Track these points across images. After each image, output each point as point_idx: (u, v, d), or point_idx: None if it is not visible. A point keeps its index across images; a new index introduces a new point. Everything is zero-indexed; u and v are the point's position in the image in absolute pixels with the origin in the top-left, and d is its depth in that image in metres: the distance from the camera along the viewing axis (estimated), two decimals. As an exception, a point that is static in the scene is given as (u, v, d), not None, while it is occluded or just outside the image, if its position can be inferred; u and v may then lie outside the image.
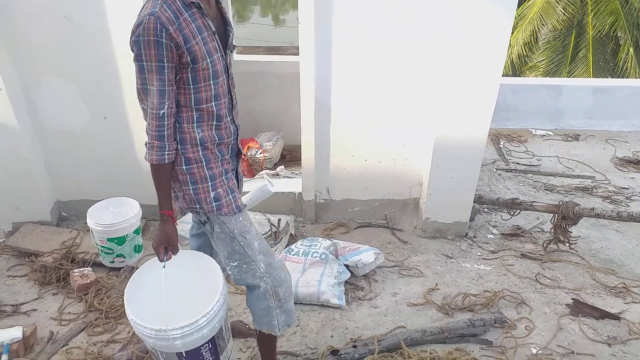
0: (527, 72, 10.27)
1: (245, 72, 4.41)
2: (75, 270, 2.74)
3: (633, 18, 9.24)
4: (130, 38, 1.56)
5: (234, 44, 1.86)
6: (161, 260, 1.78)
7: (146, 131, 1.68)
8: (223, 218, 1.83)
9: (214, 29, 1.67)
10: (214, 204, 1.81)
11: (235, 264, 1.88)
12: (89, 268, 2.79)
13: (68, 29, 2.82)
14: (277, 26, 19.89)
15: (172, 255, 1.81)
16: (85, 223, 2.85)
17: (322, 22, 2.81)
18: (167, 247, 1.78)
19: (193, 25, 1.60)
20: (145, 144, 1.68)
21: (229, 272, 1.93)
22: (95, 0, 2.74)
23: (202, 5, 1.62)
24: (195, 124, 1.73)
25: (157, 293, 1.72)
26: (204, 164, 1.78)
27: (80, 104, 3.05)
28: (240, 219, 1.86)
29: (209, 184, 1.80)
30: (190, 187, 1.79)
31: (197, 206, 1.82)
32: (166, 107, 1.62)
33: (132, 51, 1.58)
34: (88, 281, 2.68)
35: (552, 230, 3.14)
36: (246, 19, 20.57)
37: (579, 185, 4.03)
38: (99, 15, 2.77)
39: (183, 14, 1.58)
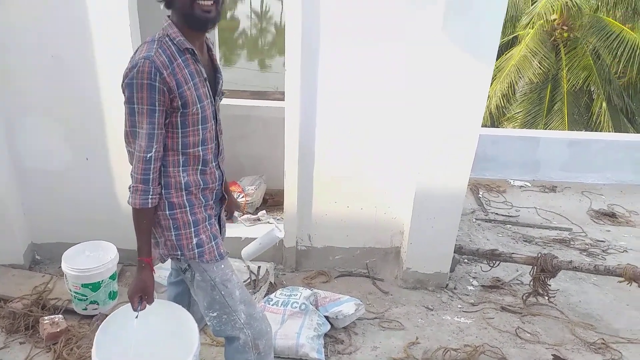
0: (505, 123, 10.58)
1: (231, 115, 4.42)
2: (46, 318, 2.64)
3: (605, 74, 9.67)
4: (123, 81, 1.57)
5: (223, 90, 1.88)
6: (134, 310, 1.72)
7: (131, 174, 1.67)
8: (205, 265, 1.80)
9: (205, 76, 1.71)
10: (196, 250, 1.78)
11: (215, 314, 1.84)
12: (60, 315, 2.69)
13: (56, 68, 2.83)
14: (263, 71, 20.27)
15: (147, 305, 1.75)
16: (60, 267, 2.77)
17: (308, 71, 2.88)
18: (142, 296, 1.72)
19: (186, 71, 1.62)
20: (129, 188, 1.67)
21: (208, 323, 1.89)
22: (84, 41, 2.75)
23: (195, 52, 1.65)
24: (181, 168, 1.73)
25: (127, 344, 1.67)
26: (188, 209, 1.77)
27: (62, 143, 3.02)
28: (222, 266, 1.84)
29: (192, 229, 1.78)
30: (173, 233, 1.77)
31: (179, 253, 1.79)
32: (154, 150, 1.62)
33: (124, 94, 1.59)
34: (58, 329, 2.58)
35: (531, 283, 3.15)
36: (233, 62, 20.94)
37: (556, 237, 4.09)
38: (88, 56, 2.79)
39: (177, 59, 1.61)
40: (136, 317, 1.72)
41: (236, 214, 2.21)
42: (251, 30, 29.10)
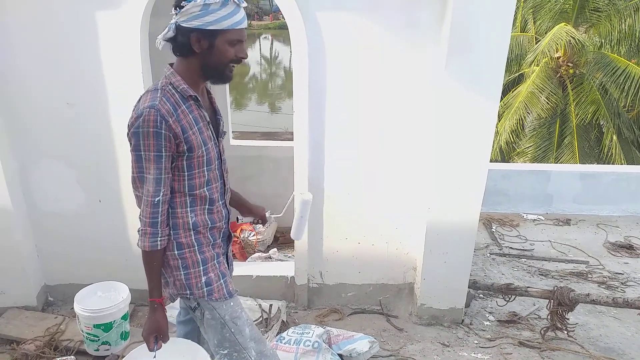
0: (516, 158, 10.56)
1: (242, 156, 4.53)
2: (58, 359, 2.63)
3: (613, 107, 9.69)
4: (129, 130, 1.62)
5: (224, 130, 1.93)
6: (151, 350, 1.73)
7: (139, 218, 1.70)
8: (214, 304, 1.81)
9: (208, 119, 1.76)
10: (205, 289, 1.79)
11: (226, 352, 1.83)
12: (72, 357, 2.68)
13: (69, 115, 2.92)
14: (273, 113, 20.65)
15: (163, 344, 1.76)
16: (72, 308, 2.77)
17: (315, 111, 2.94)
18: (157, 335, 1.74)
19: (190, 117, 1.68)
20: (138, 231, 1.70)
21: None
22: (98, 88, 2.85)
23: (199, 98, 1.71)
24: (189, 209, 1.76)
25: None
26: (196, 248, 1.79)
27: (76, 186, 3.08)
28: (232, 304, 1.84)
29: (201, 268, 1.80)
30: (182, 272, 1.79)
31: (188, 292, 1.80)
32: (161, 194, 1.66)
33: (130, 142, 1.63)
34: (70, 371, 2.56)
35: (549, 317, 3.08)
36: (244, 106, 21.38)
37: (573, 271, 4.01)
38: (101, 102, 2.88)
39: (181, 105, 1.66)
40: (154, 357, 1.74)
41: (267, 213, 2.24)
42: (261, 74, 29.82)
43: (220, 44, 1.63)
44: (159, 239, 1.69)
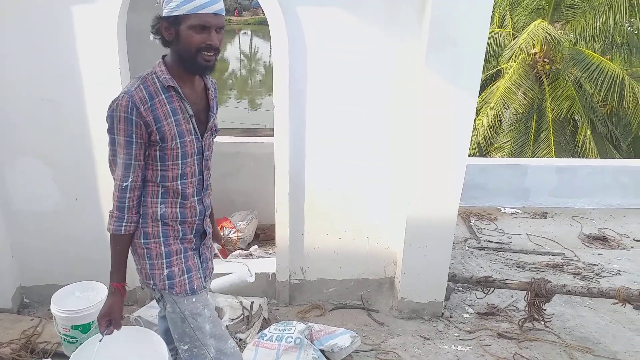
0: (494, 152, 10.71)
1: (221, 152, 4.46)
2: (34, 361, 2.58)
3: (588, 102, 9.89)
4: (106, 112, 1.65)
5: (215, 127, 1.90)
6: (100, 333, 1.74)
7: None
8: (175, 298, 1.81)
9: (191, 113, 1.74)
10: (166, 282, 1.79)
11: (186, 347, 1.84)
12: (50, 359, 2.63)
13: (45, 111, 2.86)
14: (253, 109, 20.54)
15: (115, 330, 1.76)
16: (49, 310, 2.72)
17: (295, 107, 2.94)
18: (110, 320, 1.75)
19: (167, 107, 1.67)
20: (109, 212, 1.73)
21: (181, 355, 1.88)
22: (74, 84, 2.80)
23: (179, 90, 1.70)
24: (159, 199, 1.77)
25: None
26: (162, 240, 1.79)
27: (52, 184, 3.02)
28: (194, 300, 1.82)
29: (164, 260, 1.80)
30: (147, 262, 1.80)
31: (151, 282, 1.82)
32: (130, 180, 1.68)
33: (107, 123, 1.66)
34: (47, 373, 2.52)
35: (527, 308, 3.14)
36: (222, 102, 21.23)
37: (549, 262, 4.10)
38: (78, 98, 2.83)
39: (159, 95, 1.66)
40: (100, 340, 1.75)
41: (215, 245, 2.18)
42: (241, 71, 29.64)
43: (184, 31, 1.61)
44: (124, 224, 1.71)
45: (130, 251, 1.81)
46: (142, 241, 1.78)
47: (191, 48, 1.63)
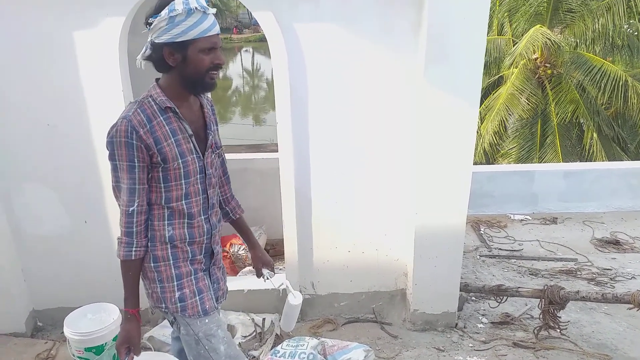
0: (500, 159, 10.67)
1: (229, 169, 4.50)
2: (48, 386, 2.58)
3: (592, 105, 9.86)
4: (106, 139, 1.66)
5: (216, 145, 1.89)
6: None
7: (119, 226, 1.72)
8: (188, 320, 1.80)
9: (190, 132, 1.75)
10: (178, 304, 1.79)
11: None
12: (63, 382, 2.63)
13: (51, 136, 2.90)
14: (258, 125, 20.65)
15: (135, 357, 1.75)
16: (62, 332, 2.73)
17: (298, 121, 2.95)
18: (129, 347, 1.74)
19: (167, 128, 1.68)
20: (117, 239, 1.72)
21: None
22: (78, 109, 2.84)
23: (177, 110, 1.71)
24: (166, 222, 1.77)
25: None
26: (172, 262, 1.79)
27: (60, 208, 3.05)
28: (207, 321, 1.82)
29: (175, 283, 1.79)
30: (158, 286, 1.79)
31: (163, 305, 1.81)
32: (136, 204, 1.68)
33: (108, 151, 1.67)
34: (61, 397, 2.51)
35: (541, 316, 3.10)
36: (227, 119, 21.37)
37: (562, 269, 4.05)
38: (83, 122, 2.87)
39: (157, 117, 1.67)
40: None
41: (265, 272, 2.15)
42: (244, 87, 29.86)
43: (193, 54, 1.63)
44: (133, 249, 1.71)
45: (140, 276, 1.81)
46: (152, 265, 1.78)
47: (202, 70, 1.65)
